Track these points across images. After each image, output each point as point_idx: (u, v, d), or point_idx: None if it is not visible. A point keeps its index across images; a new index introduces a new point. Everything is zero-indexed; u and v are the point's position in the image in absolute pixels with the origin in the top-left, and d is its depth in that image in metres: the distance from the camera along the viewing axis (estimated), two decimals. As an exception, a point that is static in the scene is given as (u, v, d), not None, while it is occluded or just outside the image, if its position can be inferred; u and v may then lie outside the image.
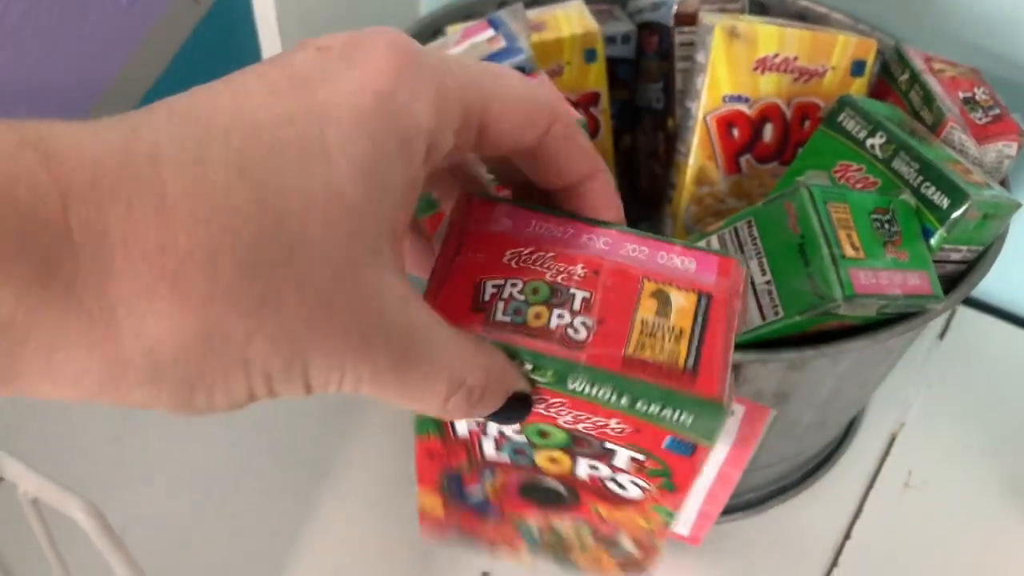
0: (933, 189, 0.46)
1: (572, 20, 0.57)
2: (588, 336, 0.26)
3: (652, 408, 0.26)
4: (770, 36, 0.54)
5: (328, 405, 0.63)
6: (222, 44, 0.73)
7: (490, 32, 0.53)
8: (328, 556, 0.55)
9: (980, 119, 0.54)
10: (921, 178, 0.46)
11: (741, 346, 0.44)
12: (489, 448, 0.31)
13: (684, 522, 0.54)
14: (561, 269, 0.27)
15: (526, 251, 0.28)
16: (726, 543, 0.57)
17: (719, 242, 0.45)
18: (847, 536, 0.58)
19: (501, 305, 0.27)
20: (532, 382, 0.27)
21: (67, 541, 0.36)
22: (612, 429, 0.28)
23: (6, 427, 0.59)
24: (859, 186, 0.49)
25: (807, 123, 0.56)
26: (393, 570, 0.55)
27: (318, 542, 0.56)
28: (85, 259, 0.18)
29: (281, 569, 0.54)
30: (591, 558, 0.35)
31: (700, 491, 0.51)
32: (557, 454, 0.30)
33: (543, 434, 0.29)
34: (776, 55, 0.55)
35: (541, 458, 0.30)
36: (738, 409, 0.45)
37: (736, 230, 0.44)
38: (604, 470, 0.30)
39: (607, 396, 0.26)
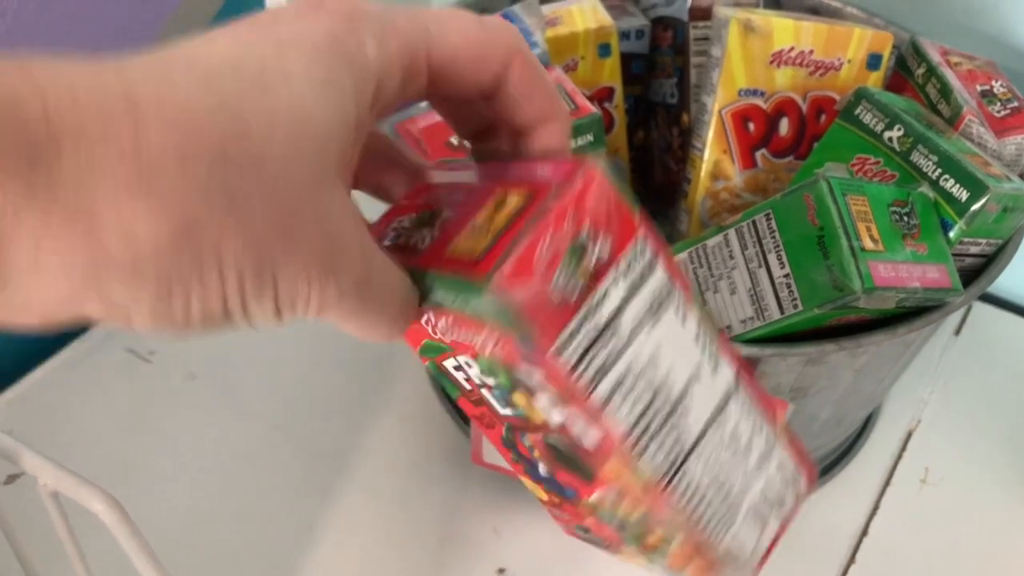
0: (952, 182, 0.46)
1: (586, 15, 0.57)
2: (426, 243, 0.27)
3: (457, 302, 0.26)
4: (786, 29, 0.54)
5: (344, 396, 0.63)
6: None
7: (505, 26, 0.53)
8: (345, 549, 0.55)
9: (998, 112, 0.54)
10: (940, 171, 0.46)
11: (759, 340, 0.44)
12: (493, 401, 0.31)
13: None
14: (453, 200, 0.28)
15: (437, 194, 0.29)
16: (742, 540, 0.57)
17: (736, 235, 0.44)
18: (864, 533, 0.58)
19: (391, 233, 0.28)
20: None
21: (88, 535, 0.36)
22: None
23: (22, 423, 0.59)
24: (877, 179, 0.49)
25: (823, 117, 0.56)
26: (409, 564, 0.55)
27: (335, 535, 0.55)
28: (67, 156, 0.19)
29: (297, 563, 0.54)
30: (677, 552, 0.31)
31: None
32: (518, 396, 0.29)
33: (492, 371, 0.29)
34: (792, 48, 0.54)
35: (519, 403, 0.29)
36: (756, 404, 0.45)
37: (754, 223, 0.44)
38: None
39: (440, 298, 0.27)
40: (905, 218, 0.44)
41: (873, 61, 0.55)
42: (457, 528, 0.56)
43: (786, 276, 0.42)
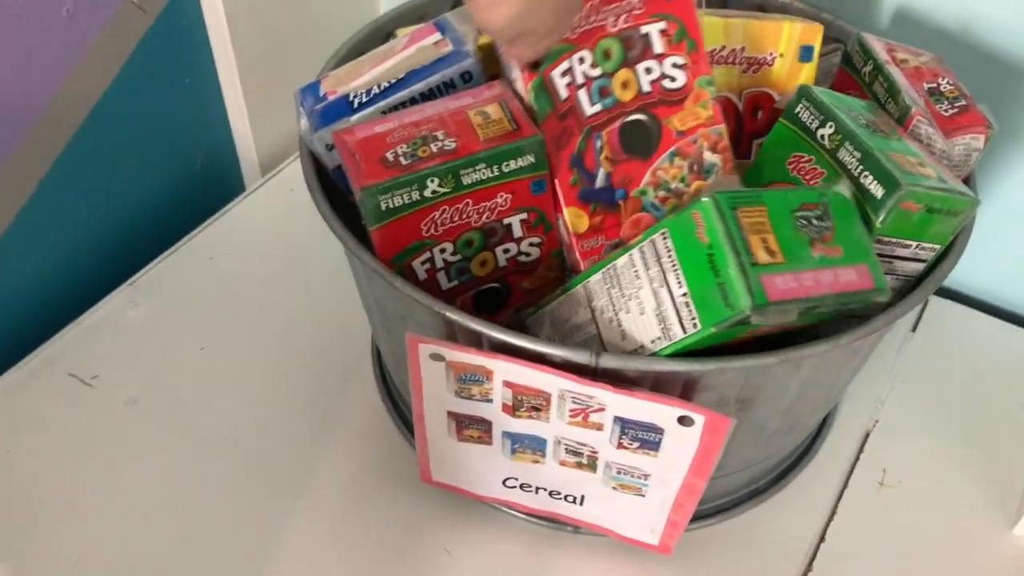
0: (871, 178, 0.45)
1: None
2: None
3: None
4: (715, 28, 0.53)
5: (291, 418, 0.61)
6: (173, 52, 0.71)
7: (437, 35, 0.52)
8: (295, 573, 0.54)
9: (946, 111, 0.53)
10: (861, 167, 0.45)
11: (698, 354, 0.43)
12: (585, 100, 0.49)
13: (654, 532, 0.53)
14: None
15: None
16: (699, 550, 0.56)
17: (640, 254, 0.43)
18: (821, 539, 0.57)
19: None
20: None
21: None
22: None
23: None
24: (808, 177, 0.48)
25: (760, 113, 0.55)
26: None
27: (285, 560, 0.54)
28: None
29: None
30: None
31: (667, 501, 0.50)
32: (620, 75, 0.49)
33: (606, 55, 0.49)
34: (723, 48, 0.54)
35: (615, 88, 0.49)
36: (698, 419, 0.44)
37: (653, 242, 0.43)
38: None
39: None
40: (815, 222, 0.43)
41: (805, 53, 0.55)
42: (409, 548, 0.55)
43: (684, 295, 0.41)
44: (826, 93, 0.50)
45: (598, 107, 0.49)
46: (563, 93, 0.48)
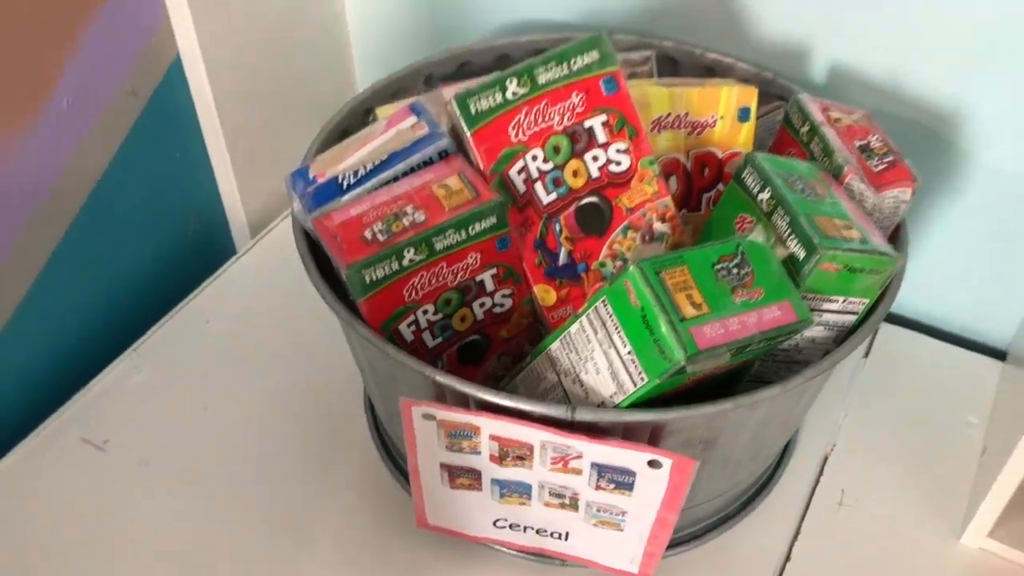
0: (796, 241, 0.50)
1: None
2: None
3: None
4: (661, 98, 0.58)
5: (297, 472, 0.66)
6: (165, 130, 0.76)
7: (413, 119, 0.57)
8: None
9: (876, 166, 0.58)
10: (789, 230, 0.51)
11: (661, 403, 0.48)
12: (541, 191, 0.55)
13: (633, 562, 0.57)
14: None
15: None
16: (676, 575, 0.61)
17: (588, 321, 0.49)
18: (787, 558, 0.62)
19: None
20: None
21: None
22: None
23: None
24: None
25: (707, 171, 0.61)
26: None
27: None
28: None
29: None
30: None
31: (643, 534, 0.55)
32: (571, 165, 0.56)
33: (555, 149, 0.55)
34: (668, 115, 0.59)
35: (567, 177, 0.56)
36: (666, 463, 0.49)
37: (596, 309, 0.48)
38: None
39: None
40: (735, 270, 0.48)
41: (743, 114, 0.61)
42: (408, 588, 0.60)
43: (629, 353, 0.47)
44: (769, 159, 0.55)
45: (553, 196, 0.56)
46: (521, 188, 0.56)
